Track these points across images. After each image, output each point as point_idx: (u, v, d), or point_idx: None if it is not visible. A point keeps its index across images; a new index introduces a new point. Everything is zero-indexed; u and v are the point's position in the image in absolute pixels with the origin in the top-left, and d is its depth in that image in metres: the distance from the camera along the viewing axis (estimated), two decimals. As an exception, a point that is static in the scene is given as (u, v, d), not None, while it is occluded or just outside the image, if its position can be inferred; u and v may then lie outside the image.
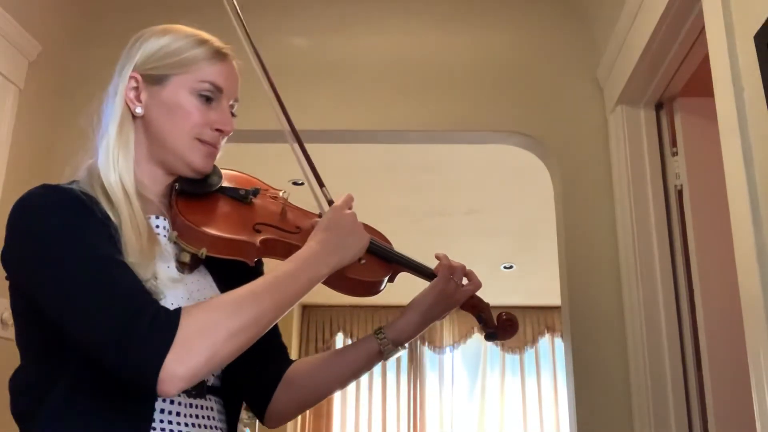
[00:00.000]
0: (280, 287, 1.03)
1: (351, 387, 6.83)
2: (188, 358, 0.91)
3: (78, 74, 2.56)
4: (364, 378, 6.78)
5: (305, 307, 6.90)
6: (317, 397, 1.31)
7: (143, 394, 1.01)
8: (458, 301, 1.31)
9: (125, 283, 0.96)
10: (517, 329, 1.37)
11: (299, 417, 6.52)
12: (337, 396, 6.75)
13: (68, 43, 2.63)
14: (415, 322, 1.28)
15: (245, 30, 1.26)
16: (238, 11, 1.27)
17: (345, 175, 4.20)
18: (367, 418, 6.76)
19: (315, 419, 6.68)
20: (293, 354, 6.52)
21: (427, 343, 6.95)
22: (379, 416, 6.76)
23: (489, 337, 1.37)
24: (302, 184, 1.28)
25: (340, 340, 6.90)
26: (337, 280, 1.18)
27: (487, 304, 1.37)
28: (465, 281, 1.33)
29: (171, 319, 0.93)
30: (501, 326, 1.36)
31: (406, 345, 1.30)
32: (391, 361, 7.56)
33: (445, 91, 2.65)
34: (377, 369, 6.81)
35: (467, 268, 1.33)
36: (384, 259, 1.28)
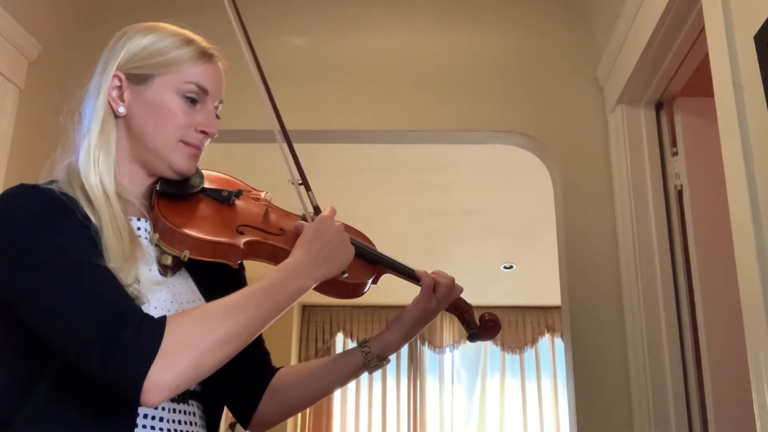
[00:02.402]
0: (266, 297, 1.02)
1: (351, 387, 6.82)
2: (173, 368, 0.89)
3: (78, 74, 2.56)
4: (364, 378, 6.76)
5: (305, 307, 6.89)
6: (302, 406, 1.32)
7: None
8: (440, 311, 1.33)
9: (108, 289, 0.94)
10: (500, 329, 1.39)
11: (299, 417, 6.51)
12: (337, 396, 6.75)
13: (68, 43, 2.63)
14: (399, 338, 1.31)
15: (244, 30, 1.24)
16: (239, 12, 1.26)
17: (345, 175, 4.20)
18: (367, 418, 6.76)
19: (315, 419, 6.67)
20: (293, 354, 6.53)
21: (427, 343, 6.94)
22: (379, 416, 6.75)
23: (472, 337, 1.38)
24: (302, 184, 1.27)
25: (340, 340, 6.89)
26: (322, 284, 1.17)
27: (470, 305, 1.37)
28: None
29: (156, 328, 0.91)
30: (484, 326, 1.37)
31: (390, 358, 1.32)
32: (391, 361, 7.59)
33: (445, 91, 2.65)
34: (377, 369, 6.80)
35: (449, 275, 1.34)
36: (368, 262, 1.27)
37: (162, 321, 0.92)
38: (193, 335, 0.92)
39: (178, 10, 2.52)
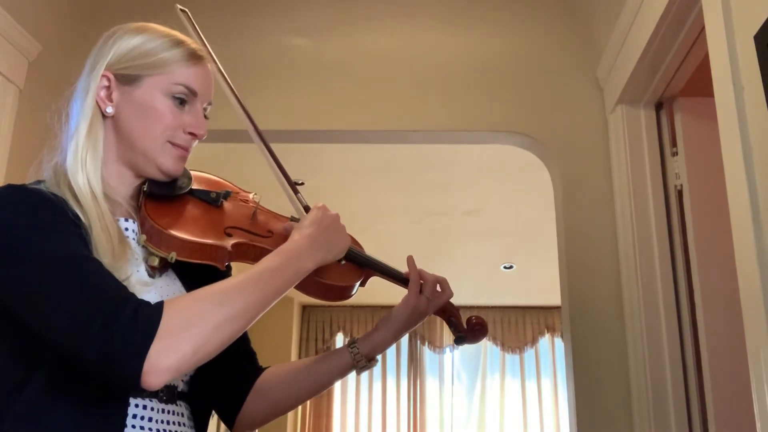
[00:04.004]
0: (265, 280, 1.03)
1: (351, 387, 6.82)
2: (174, 349, 0.89)
3: (78, 74, 2.56)
4: (364, 378, 6.77)
5: (305, 307, 6.89)
6: (289, 406, 1.31)
7: (116, 399, 1.00)
8: (429, 313, 1.32)
9: (102, 278, 0.94)
10: (487, 332, 1.38)
11: (299, 417, 6.51)
12: (337, 396, 6.75)
13: (68, 43, 2.63)
14: (388, 338, 1.31)
15: (200, 36, 1.23)
16: (191, 19, 1.24)
17: (345, 175, 4.20)
18: (367, 418, 6.76)
19: (315, 419, 6.67)
20: (293, 354, 6.52)
21: (427, 343, 6.95)
22: (379, 416, 6.75)
23: (459, 340, 1.37)
24: (302, 183, 1.27)
25: (340, 340, 6.89)
26: (311, 285, 1.17)
27: (457, 308, 1.36)
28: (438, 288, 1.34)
29: (153, 312, 0.91)
30: (471, 330, 1.36)
31: (378, 358, 1.32)
32: (391, 361, 7.54)
33: (445, 91, 2.65)
34: (377, 369, 6.80)
35: (440, 276, 1.33)
36: (357, 264, 1.27)
37: (159, 305, 0.92)
38: (192, 318, 0.92)
39: (175, 11, 2.52)
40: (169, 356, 0.89)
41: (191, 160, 1.20)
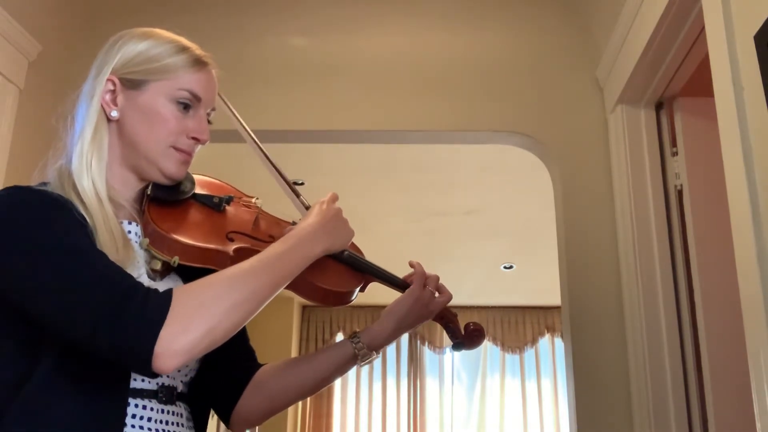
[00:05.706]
0: (275, 264, 1.05)
1: (351, 387, 6.82)
2: (185, 332, 0.91)
3: (78, 74, 2.56)
4: (364, 378, 6.78)
5: (305, 307, 6.89)
6: (287, 401, 1.29)
7: (116, 398, 1.01)
8: (432, 312, 1.31)
9: (110, 268, 0.96)
10: (484, 338, 1.38)
11: (299, 417, 6.51)
12: (337, 396, 6.75)
13: (68, 43, 2.63)
14: (390, 329, 1.28)
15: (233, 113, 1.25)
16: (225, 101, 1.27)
17: (345, 175, 4.20)
18: (367, 418, 6.76)
19: (315, 419, 6.67)
20: (293, 354, 6.52)
21: (427, 343, 6.95)
22: (379, 416, 6.75)
23: (456, 347, 1.36)
24: (302, 183, 1.28)
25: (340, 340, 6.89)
26: (311, 290, 1.18)
27: (455, 314, 1.36)
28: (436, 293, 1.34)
29: (163, 297, 0.93)
30: (468, 336, 1.36)
31: (380, 351, 1.30)
32: (391, 361, 7.53)
33: (445, 91, 2.65)
34: (377, 369, 6.80)
35: (439, 280, 1.33)
36: (357, 270, 1.28)
37: (169, 291, 0.94)
38: (203, 301, 0.94)
39: (176, 12, 2.53)
40: (181, 339, 0.90)
41: (196, 160, 1.21)
